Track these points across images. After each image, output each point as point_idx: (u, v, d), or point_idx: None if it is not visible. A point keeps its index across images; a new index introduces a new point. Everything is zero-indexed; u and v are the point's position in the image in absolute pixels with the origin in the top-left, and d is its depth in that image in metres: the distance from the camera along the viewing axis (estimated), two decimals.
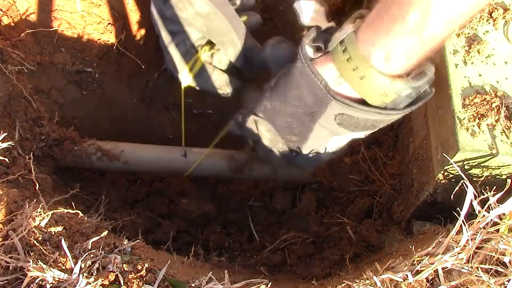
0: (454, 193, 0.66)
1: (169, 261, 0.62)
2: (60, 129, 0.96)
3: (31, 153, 0.83)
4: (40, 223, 0.60)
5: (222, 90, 0.91)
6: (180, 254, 0.81)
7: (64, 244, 0.57)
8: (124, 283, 0.56)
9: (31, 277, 0.54)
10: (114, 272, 0.56)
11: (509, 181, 0.62)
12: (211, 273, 0.62)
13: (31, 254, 0.57)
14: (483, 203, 0.60)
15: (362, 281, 0.60)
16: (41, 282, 0.54)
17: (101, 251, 0.59)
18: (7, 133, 0.77)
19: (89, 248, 0.59)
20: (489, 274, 0.58)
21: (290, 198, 1.11)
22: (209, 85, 0.90)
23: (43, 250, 0.57)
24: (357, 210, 0.95)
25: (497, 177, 0.68)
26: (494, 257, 0.59)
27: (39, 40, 1.02)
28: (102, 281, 0.55)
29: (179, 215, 1.12)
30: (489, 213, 0.59)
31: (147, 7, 1.11)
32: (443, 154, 0.68)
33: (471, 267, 0.58)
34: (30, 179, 0.77)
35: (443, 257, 0.58)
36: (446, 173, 0.69)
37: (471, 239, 0.58)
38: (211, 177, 1.16)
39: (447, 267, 0.58)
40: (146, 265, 0.59)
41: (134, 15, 1.11)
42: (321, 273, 0.85)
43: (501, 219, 0.60)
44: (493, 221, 0.60)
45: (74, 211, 0.66)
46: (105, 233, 0.63)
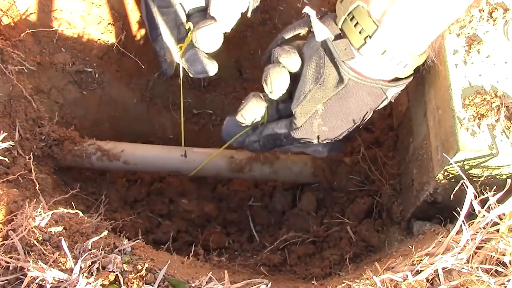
0: (454, 193, 0.66)
1: (169, 261, 0.62)
2: (60, 129, 0.96)
3: (31, 153, 0.83)
4: (40, 223, 0.60)
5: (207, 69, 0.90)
6: (180, 254, 0.81)
7: (64, 244, 0.57)
8: (124, 283, 0.56)
9: (31, 277, 0.54)
10: (114, 272, 0.56)
11: (509, 181, 0.62)
12: (211, 273, 0.61)
13: (31, 254, 0.57)
14: (483, 203, 0.60)
15: (362, 281, 0.60)
16: (41, 282, 0.54)
17: (101, 251, 0.59)
18: (7, 133, 0.77)
19: (89, 248, 0.59)
20: (489, 274, 0.58)
21: (290, 198, 1.11)
22: (197, 65, 0.90)
23: (43, 250, 0.57)
24: (357, 210, 0.95)
25: (497, 177, 0.68)
26: (494, 257, 0.59)
27: (39, 40, 1.02)
28: (102, 281, 0.55)
29: (179, 215, 1.12)
30: (489, 213, 0.59)
31: None
32: (443, 154, 0.68)
33: (471, 267, 0.58)
34: (30, 179, 0.77)
35: (443, 257, 0.58)
36: (446, 173, 0.69)
37: (471, 239, 0.58)
38: (211, 177, 1.16)
39: (447, 267, 0.58)
40: (146, 265, 0.59)
41: (134, 15, 1.11)
42: (321, 273, 0.85)
43: (501, 219, 0.60)
44: (493, 221, 0.60)
45: (74, 211, 0.66)
46: (105, 233, 0.63)
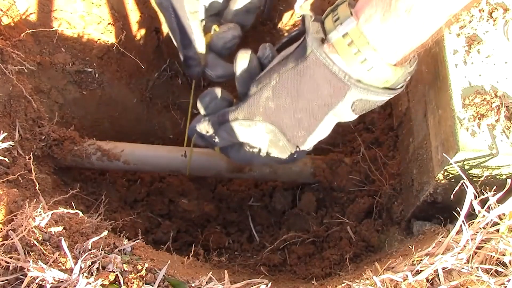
0: (454, 193, 0.66)
1: (169, 261, 0.62)
2: (60, 129, 0.96)
3: (31, 153, 0.83)
4: (40, 223, 0.60)
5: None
6: (180, 254, 0.81)
7: (64, 244, 0.57)
8: (124, 283, 0.56)
9: (31, 277, 0.54)
10: (114, 272, 0.56)
11: (509, 181, 0.62)
12: (211, 273, 0.62)
13: (31, 254, 0.57)
14: (483, 203, 0.60)
15: (362, 281, 0.60)
16: (41, 282, 0.54)
17: (101, 251, 0.59)
18: (7, 133, 0.77)
19: (89, 248, 0.59)
20: (489, 274, 0.58)
21: (290, 198, 1.11)
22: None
23: (43, 250, 0.57)
24: (357, 210, 0.95)
25: (497, 177, 0.68)
26: (494, 257, 0.59)
27: (39, 40, 1.02)
28: (102, 281, 0.55)
29: (179, 215, 1.12)
30: (489, 213, 0.59)
31: (147, 7, 1.11)
32: (443, 154, 0.68)
33: (471, 267, 0.58)
34: (30, 179, 0.77)
35: (443, 257, 0.58)
36: (446, 173, 0.69)
37: (471, 239, 0.58)
38: (211, 177, 1.16)
39: (447, 267, 0.58)
40: (146, 265, 0.59)
41: (134, 15, 1.11)
42: (321, 273, 0.85)
43: (501, 219, 0.60)
44: (493, 221, 0.60)
45: (74, 211, 0.66)
46: (105, 233, 0.63)
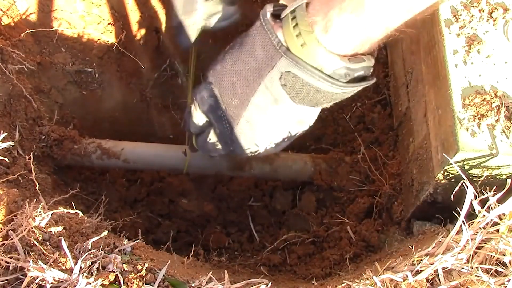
0: (454, 193, 0.66)
1: (169, 261, 0.62)
2: (60, 129, 0.96)
3: (31, 153, 0.83)
4: (40, 223, 0.60)
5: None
6: (180, 254, 0.81)
7: (64, 244, 0.57)
8: (124, 283, 0.56)
9: (31, 277, 0.54)
10: (114, 272, 0.56)
11: (509, 181, 0.62)
12: (211, 273, 0.61)
13: (31, 254, 0.57)
14: (483, 203, 0.60)
15: (362, 281, 0.60)
16: (41, 282, 0.54)
17: (101, 251, 0.59)
18: (7, 133, 0.77)
19: (89, 248, 0.59)
20: (489, 274, 0.58)
21: (290, 198, 1.11)
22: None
23: (43, 250, 0.57)
24: (357, 210, 0.95)
25: (497, 177, 0.68)
26: (494, 257, 0.59)
27: (39, 40, 1.02)
28: (102, 281, 0.55)
29: (179, 215, 1.12)
30: (489, 213, 0.59)
31: (147, 7, 1.11)
32: (443, 154, 0.68)
33: (471, 267, 0.58)
34: (30, 179, 0.77)
35: (443, 257, 0.58)
36: (446, 173, 0.69)
37: (471, 239, 0.58)
38: (211, 177, 1.16)
39: (447, 267, 0.58)
40: (146, 265, 0.59)
41: (134, 15, 1.11)
42: (321, 273, 0.85)
43: (501, 219, 0.60)
44: (493, 221, 0.60)
45: (74, 211, 0.66)
46: (105, 233, 0.63)
